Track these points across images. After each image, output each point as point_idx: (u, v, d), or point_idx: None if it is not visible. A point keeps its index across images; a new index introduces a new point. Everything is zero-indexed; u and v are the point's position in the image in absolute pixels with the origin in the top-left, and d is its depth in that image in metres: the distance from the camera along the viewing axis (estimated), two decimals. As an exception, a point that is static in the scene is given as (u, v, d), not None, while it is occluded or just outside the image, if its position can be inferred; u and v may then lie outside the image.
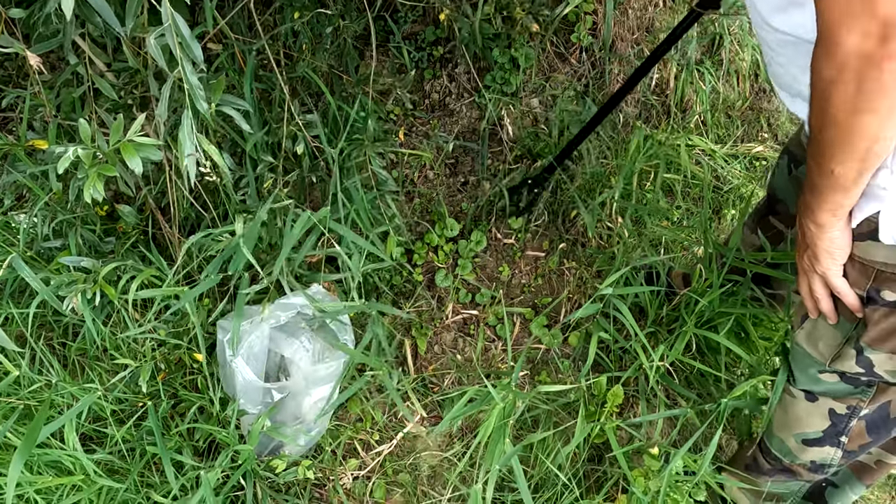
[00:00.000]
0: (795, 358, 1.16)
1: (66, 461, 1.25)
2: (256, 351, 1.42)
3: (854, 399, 1.10)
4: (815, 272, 0.99)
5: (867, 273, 0.93)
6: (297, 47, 1.75)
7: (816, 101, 0.78)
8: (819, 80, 0.75)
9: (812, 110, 0.80)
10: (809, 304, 1.05)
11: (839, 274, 0.96)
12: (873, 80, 0.70)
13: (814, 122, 0.80)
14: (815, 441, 1.20)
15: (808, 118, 0.82)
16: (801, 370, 1.15)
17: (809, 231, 0.94)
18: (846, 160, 0.79)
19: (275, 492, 1.50)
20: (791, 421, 1.22)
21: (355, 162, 1.60)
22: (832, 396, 1.12)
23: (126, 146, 1.09)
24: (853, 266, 0.95)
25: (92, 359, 1.51)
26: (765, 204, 1.49)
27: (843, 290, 0.97)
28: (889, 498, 1.71)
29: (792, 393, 1.20)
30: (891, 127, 0.74)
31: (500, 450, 1.18)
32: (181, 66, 1.03)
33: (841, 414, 1.13)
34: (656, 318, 1.68)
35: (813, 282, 1.01)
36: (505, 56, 2.08)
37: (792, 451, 1.25)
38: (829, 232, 0.92)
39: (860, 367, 1.02)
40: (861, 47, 0.69)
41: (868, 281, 0.93)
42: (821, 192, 0.87)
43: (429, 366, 1.83)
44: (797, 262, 1.03)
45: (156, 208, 1.69)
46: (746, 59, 2.38)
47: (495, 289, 1.96)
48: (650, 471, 1.41)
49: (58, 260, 1.40)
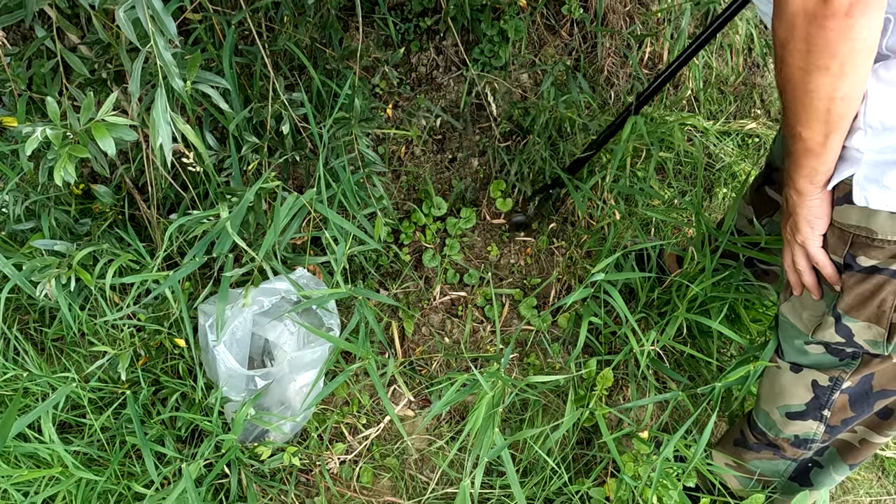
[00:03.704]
0: (782, 329, 1.16)
1: (43, 453, 1.21)
2: (239, 337, 1.38)
3: (837, 370, 1.11)
4: (796, 242, 1.00)
5: (844, 239, 0.93)
6: (278, 19, 1.68)
7: (776, 64, 0.82)
8: (776, 43, 0.79)
9: (775, 74, 0.83)
10: (793, 278, 1.06)
11: (818, 244, 0.97)
12: (819, 38, 0.73)
13: (777, 85, 0.84)
14: (798, 414, 1.21)
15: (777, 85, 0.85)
16: (787, 341, 1.16)
17: (791, 199, 0.96)
18: (809, 122, 0.82)
19: (260, 478, 1.48)
20: (776, 393, 1.23)
21: (342, 141, 1.54)
22: (816, 368, 1.13)
23: (97, 126, 1.03)
24: (833, 233, 0.95)
25: (69, 345, 1.46)
26: (762, 173, 1.48)
27: (822, 260, 0.98)
28: (875, 478, 1.72)
29: (779, 365, 1.20)
30: (845, 86, 0.77)
31: (488, 439, 1.15)
32: (153, 41, 0.97)
33: (823, 386, 1.14)
34: (647, 301, 1.65)
35: (795, 253, 1.01)
36: (494, 28, 2.02)
37: (776, 424, 1.26)
38: (809, 199, 0.93)
39: (840, 336, 1.02)
40: (805, 6, 0.72)
41: (845, 247, 0.94)
42: (795, 158, 0.89)
43: (416, 348, 1.80)
44: (782, 233, 1.04)
45: (133, 187, 1.63)
46: (741, 33, 2.33)
47: (484, 269, 1.93)
48: (640, 455, 1.40)
49: (30, 243, 1.35)
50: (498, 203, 1.98)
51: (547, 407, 1.66)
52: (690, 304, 1.47)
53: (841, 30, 0.72)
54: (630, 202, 1.95)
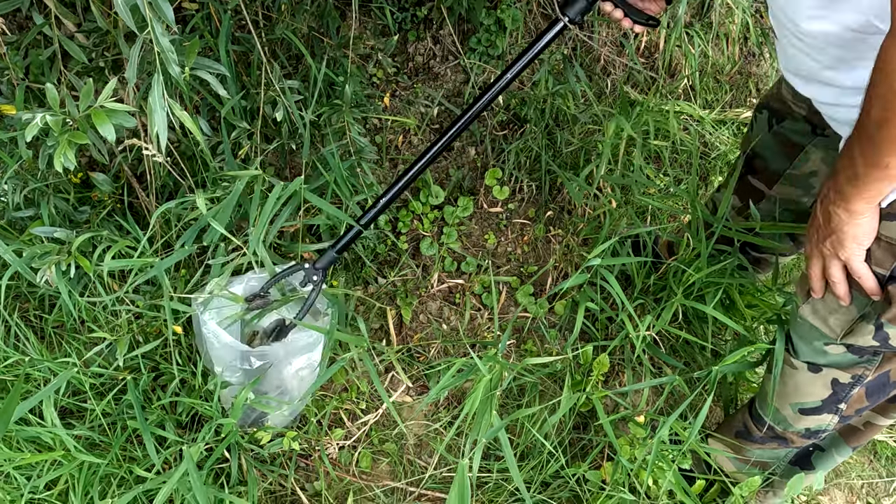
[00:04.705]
0: (799, 332, 1.15)
1: (45, 437, 1.22)
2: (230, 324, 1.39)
3: (860, 368, 1.11)
4: (837, 258, 0.98)
5: (893, 252, 0.93)
6: (275, 7, 1.68)
7: (884, 94, 0.75)
8: (891, 72, 0.73)
9: (875, 103, 0.77)
10: (817, 286, 1.05)
11: (862, 258, 0.96)
12: None
13: (876, 115, 0.78)
14: (812, 410, 1.21)
15: (865, 110, 0.80)
16: (805, 343, 1.15)
17: (837, 217, 0.93)
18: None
19: (260, 463, 1.49)
20: (790, 391, 1.23)
21: (336, 128, 1.55)
22: (837, 367, 1.13)
23: (97, 113, 1.04)
24: (879, 245, 0.94)
25: (69, 332, 1.47)
26: (742, 164, 1.47)
27: (865, 274, 0.96)
28: (867, 461, 1.74)
29: (793, 364, 1.19)
30: None
31: (486, 422, 1.17)
32: (151, 28, 0.98)
33: (844, 383, 1.14)
34: (643, 287, 1.67)
35: (831, 265, 1.00)
36: (490, 18, 2.02)
37: (787, 419, 1.26)
38: (860, 218, 0.91)
39: (876, 342, 1.02)
40: None
41: (894, 260, 0.94)
42: (864, 182, 0.86)
43: (414, 335, 1.82)
44: (812, 245, 1.02)
45: (131, 176, 1.64)
46: (737, 22, 2.34)
47: (481, 257, 1.94)
48: (636, 439, 1.41)
49: (30, 230, 1.35)
50: (495, 191, 1.99)
51: (544, 393, 1.67)
52: (687, 289, 1.49)
53: None
54: (626, 191, 1.96)
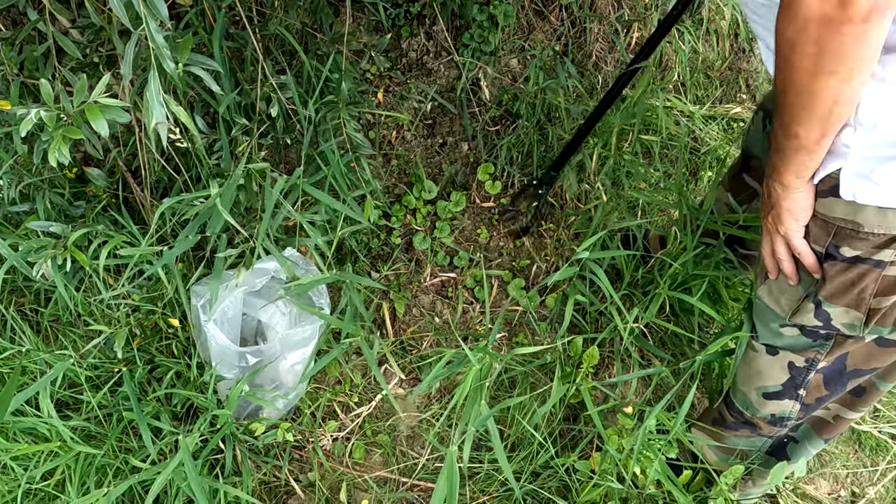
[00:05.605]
0: (758, 312, 1.19)
1: (41, 428, 1.24)
2: (230, 316, 1.41)
3: (812, 352, 1.14)
4: (778, 233, 1.01)
5: (827, 229, 0.95)
6: (269, 4, 1.70)
7: (779, 63, 0.78)
8: (782, 43, 0.76)
9: (776, 72, 0.80)
10: (770, 265, 1.08)
11: (801, 235, 0.98)
12: (834, 43, 0.71)
13: (777, 83, 0.81)
14: (774, 394, 1.24)
15: (773, 80, 0.83)
16: (763, 324, 1.18)
17: (775, 192, 0.96)
18: (809, 122, 0.81)
19: (254, 454, 1.51)
20: (752, 374, 1.26)
21: (331, 124, 1.57)
22: (792, 350, 1.16)
23: (91, 108, 1.06)
24: (815, 223, 0.96)
25: (65, 325, 1.49)
26: (740, 161, 1.50)
27: (804, 250, 0.99)
28: (852, 451, 1.77)
29: (755, 347, 1.23)
30: (850, 90, 0.76)
31: (476, 411, 1.19)
32: (145, 24, 0.99)
33: (800, 367, 1.17)
34: (632, 281, 1.69)
35: (776, 242, 1.03)
36: (483, 14, 2.04)
37: (753, 403, 1.29)
38: (794, 193, 0.93)
39: (818, 321, 1.04)
40: (822, 10, 0.69)
41: (828, 237, 0.95)
42: (786, 154, 0.88)
43: (407, 328, 1.84)
44: (762, 222, 1.05)
45: (126, 171, 1.65)
46: (727, 18, 2.36)
47: (473, 251, 1.96)
48: (624, 429, 1.44)
49: (26, 225, 1.37)
50: (487, 186, 2.01)
51: (535, 385, 1.70)
52: (673, 281, 1.51)
53: (857, 35, 0.70)
54: (617, 185, 1.98)
